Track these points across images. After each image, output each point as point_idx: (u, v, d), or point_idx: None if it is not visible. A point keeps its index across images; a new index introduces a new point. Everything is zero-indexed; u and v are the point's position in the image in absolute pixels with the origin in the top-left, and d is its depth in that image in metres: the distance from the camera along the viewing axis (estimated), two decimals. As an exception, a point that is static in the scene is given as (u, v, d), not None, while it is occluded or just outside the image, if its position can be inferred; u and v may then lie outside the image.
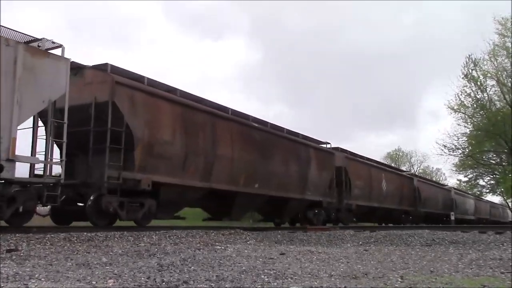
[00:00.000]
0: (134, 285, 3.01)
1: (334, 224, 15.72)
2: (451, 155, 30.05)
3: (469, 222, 32.35)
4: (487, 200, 45.69)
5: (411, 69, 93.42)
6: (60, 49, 7.71)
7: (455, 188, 36.23)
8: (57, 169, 7.90)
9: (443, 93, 65.77)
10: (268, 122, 13.47)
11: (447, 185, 39.46)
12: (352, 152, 19.41)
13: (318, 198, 15.13)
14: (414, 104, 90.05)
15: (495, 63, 26.49)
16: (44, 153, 7.43)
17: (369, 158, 21.36)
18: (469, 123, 28.92)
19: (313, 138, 16.10)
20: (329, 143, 17.11)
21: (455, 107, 28.23)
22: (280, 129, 14.15)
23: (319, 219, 15.38)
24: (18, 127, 6.85)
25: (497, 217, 48.00)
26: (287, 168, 13.55)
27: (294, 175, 13.93)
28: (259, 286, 3.08)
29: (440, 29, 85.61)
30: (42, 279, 3.12)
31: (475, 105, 27.89)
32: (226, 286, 3.07)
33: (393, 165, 44.11)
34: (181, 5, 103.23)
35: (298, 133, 15.08)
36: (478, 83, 27.05)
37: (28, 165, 7.29)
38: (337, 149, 18.04)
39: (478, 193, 40.33)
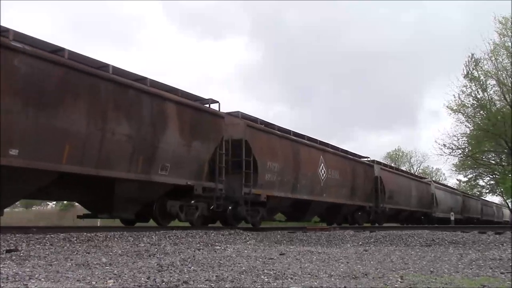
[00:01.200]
0: (134, 285, 3.01)
1: (230, 224, 11.73)
2: (451, 155, 30.12)
3: (455, 222, 28.12)
4: (478, 197, 41.13)
5: (412, 68, 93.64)
6: None
7: (436, 182, 31.87)
8: None
9: (443, 93, 65.93)
10: (66, 49, 7.62)
11: (426, 178, 35.11)
12: (263, 121, 13.26)
13: (184, 182, 9.66)
14: (416, 103, 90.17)
15: (495, 62, 26.54)
16: None
17: (297, 133, 14.74)
18: (469, 123, 29.00)
19: (181, 90, 10.01)
20: (217, 102, 10.97)
21: (455, 107, 28.30)
22: (99, 64, 8.31)
23: (191, 214, 10.25)
24: None
25: (490, 216, 43.08)
26: (105, 128, 7.95)
27: (124, 141, 8.28)
28: (259, 286, 3.08)
29: (441, 28, 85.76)
30: (42, 279, 3.12)
31: (475, 105, 27.94)
32: (226, 286, 3.07)
33: (393, 164, 38.92)
34: (182, 5, 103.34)
35: (146, 77, 9.10)
36: (480, 82, 27.09)
37: None
38: (236, 114, 12.15)
39: (478, 193, 40.29)
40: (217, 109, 11.05)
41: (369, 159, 20.30)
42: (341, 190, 16.53)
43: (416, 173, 41.61)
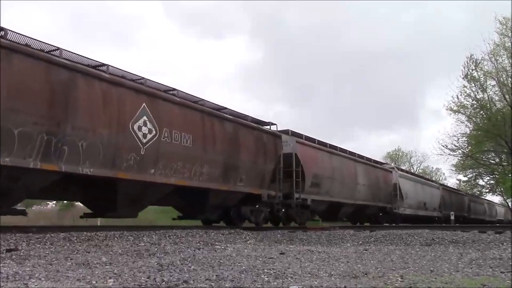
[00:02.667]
0: (134, 284, 3.01)
1: None
2: (451, 155, 30.10)
3: (430, 221, 23.31)
4: (466, 193, 35.70)
5: (412, 68, 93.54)
6: None
7: (401, 169, 25.76)
8: None
9: (444, 93, 66.05)
10: None
11: (386, 163, 28.48)
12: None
13: None
14: (416, 103, 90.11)
15: (495, 63, 26.52)
16: None
17: (85, 58, 8.18)
18: (469, 123, 29.01)
19: None
20: None
21: (455, 108, 28.29)
22: None
23: None
24: None
25: (480, 214, 38.09)
26: None
27: None
28: (259, 286, 3.08)
29: (441, 28, 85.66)
30: (42, 279, 3.12)
31: (475, 105, 27.94)
32: (226, 285, 3.07)
33: (393, 165, 33.32)
34: (182, 5, 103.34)
35: None
36: (479, 83, 27.09)
37: None
38: None
39: (478, 192, 40.20)
40: None
41: (277, 129, 13.60)
42: (199, 168, 10.13)
43: (416, 173, 39.59)
